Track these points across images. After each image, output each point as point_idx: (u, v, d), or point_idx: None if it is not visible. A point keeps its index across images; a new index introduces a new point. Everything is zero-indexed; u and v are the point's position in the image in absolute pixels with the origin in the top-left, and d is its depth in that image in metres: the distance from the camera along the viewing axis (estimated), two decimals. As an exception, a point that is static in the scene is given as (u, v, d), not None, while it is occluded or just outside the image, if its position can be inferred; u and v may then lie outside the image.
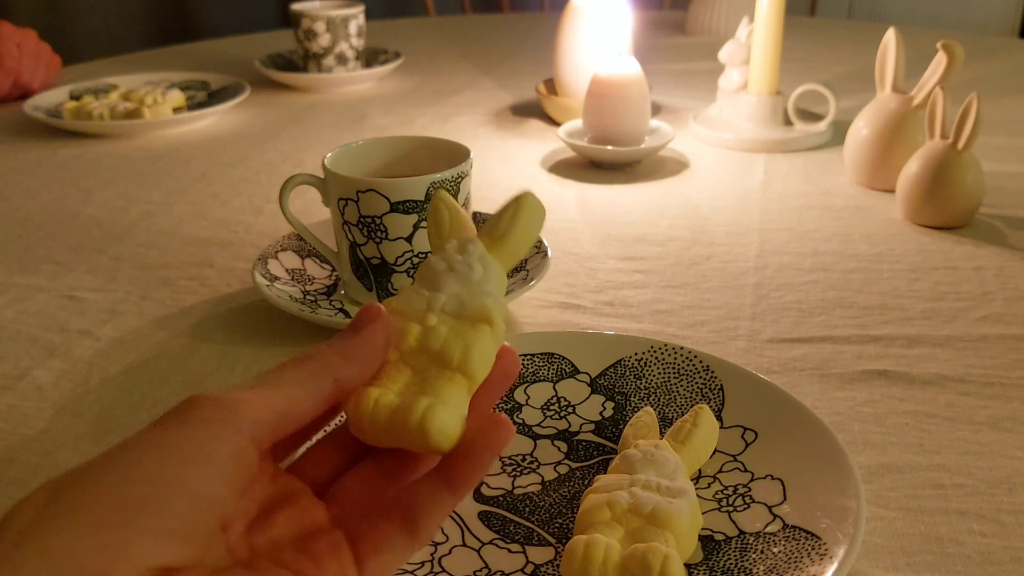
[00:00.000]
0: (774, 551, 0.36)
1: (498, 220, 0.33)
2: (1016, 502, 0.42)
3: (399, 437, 0.29)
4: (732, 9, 1.42)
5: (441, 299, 0.31)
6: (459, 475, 0.29)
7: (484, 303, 0.31)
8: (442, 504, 0.29)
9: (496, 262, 0.33)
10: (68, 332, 0.59)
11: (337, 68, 1.19)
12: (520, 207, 0.33)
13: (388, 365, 0.31)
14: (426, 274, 0.32)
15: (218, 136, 1.01)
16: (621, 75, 0.85)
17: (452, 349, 0.30)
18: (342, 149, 0.60)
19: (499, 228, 0.33)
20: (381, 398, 0.29)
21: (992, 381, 0.51)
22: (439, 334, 0.30)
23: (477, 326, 0.31)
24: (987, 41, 1.41)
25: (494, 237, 0.33)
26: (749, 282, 0.64)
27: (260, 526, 0.28)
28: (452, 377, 0.30)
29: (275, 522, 0.28)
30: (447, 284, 0.32)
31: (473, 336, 0.30)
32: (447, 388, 0.30)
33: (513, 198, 0.33)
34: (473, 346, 0.30)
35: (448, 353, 0.30)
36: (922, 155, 0.71)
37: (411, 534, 0.29)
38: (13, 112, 1.08)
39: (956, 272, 0.64)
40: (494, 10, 2.27)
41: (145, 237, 0.74)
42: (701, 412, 0.43)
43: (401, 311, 0.31)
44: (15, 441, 0.48)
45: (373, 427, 0.29)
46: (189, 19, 2.42)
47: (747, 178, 0.84)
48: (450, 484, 0.29)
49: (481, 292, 0.32)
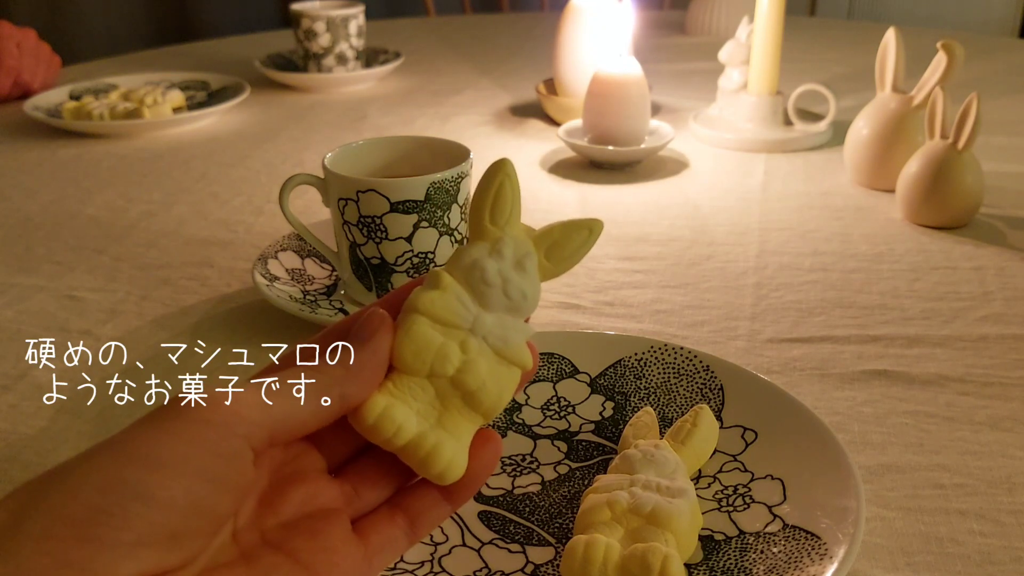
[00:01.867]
0: (774, 551, 0.36)
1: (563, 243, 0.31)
2: (1016, 502, 0.42)
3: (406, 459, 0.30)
4: (732, 9, 1.42)
5: (487, 323, 0.30)
6: (457, 489, 0.31)
7: (523, 347, 0.30)
8: (441, 513, 0.31)
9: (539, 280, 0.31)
10: (68, 332, 0.59)
11: (337, 68, 1.19)
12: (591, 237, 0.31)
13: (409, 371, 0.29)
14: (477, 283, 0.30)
15: (218, 136, 1.01)
16: (621, 75, 0.85)
17: (486, 395, 0.29)
18: (342, 149, 0.60)
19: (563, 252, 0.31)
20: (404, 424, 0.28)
21: (992, 381, 0.51)
22: (478, 372, 0.29)
23: (512, 370, 0.30)
24: (987, 41, 1.41)
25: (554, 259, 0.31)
26: (749, 282, 0.64)
27: (271, 506, 0.28)
28: (472, 417, 0.30)
29: (288, 500, 0.28)
30: (496, 305, 0.30)
31: (508, 383, 0.30)
32: (464, 426, 0.29)
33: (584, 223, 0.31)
34: (505, 393, 0.29)
35: (480, 398, 0.29)
36: (922, 155, 0.71)
37: (411, 536, 0.31)
38: (13, 112, 1.08)
39: (956, 272, 0.64)
40: (494, 10, 2.27)
41: (145, 237, 0.74)
42: (701, 412, 0.43)
43: (441, 319, 0.29)
44: (15, 441, 0.48)
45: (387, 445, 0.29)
46: (189, 19, 2.43)
47: (747, 178, 0.84)
48: (449, 496, 0.31)
49: (524, 328, 0.30)
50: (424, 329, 0.29)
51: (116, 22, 2.30)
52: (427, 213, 0.55)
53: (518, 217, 0.31)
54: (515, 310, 0.30)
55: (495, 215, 0.30)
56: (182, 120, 1.02)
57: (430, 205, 0.55)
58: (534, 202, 0.79)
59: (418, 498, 0.31)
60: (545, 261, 0.31)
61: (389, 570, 0.37)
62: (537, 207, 0.78)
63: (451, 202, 0.56)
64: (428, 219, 0.55)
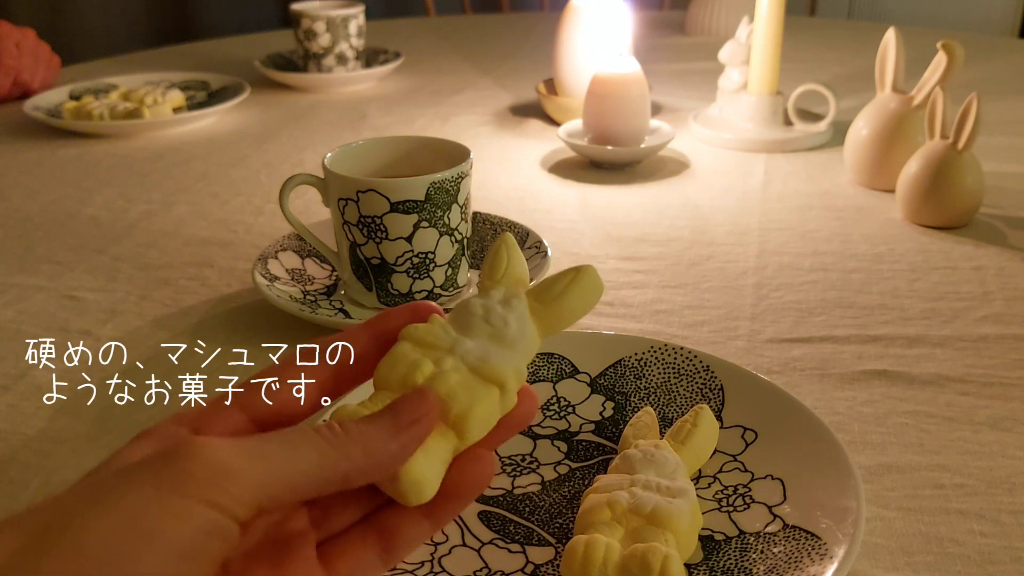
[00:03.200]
0: (774, 551, 0.36)
1: (551, 284, 0.31)
2: (1016, 502, 0.42)
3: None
4: (732, 9, 1.42)
5: (467, 345, 0.30)
6: (441, 507, 0.29)
7: (503, 367, 0.29)
8: (421, 533, 0.29)
9: (535, 326, 0.31)
10: (68, 332, 0.59)
11: (337, 68, 1.19)
12: (578, 278, 0.31)
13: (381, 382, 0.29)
14: (462, 315, 0.31)
15: (218, 136, 1.01)
16: (621, 75, 0.85)
17: (454, 402, 0.28)
18: (342, 149, 0.60)
19: (551, 293, 0.31)
20: None
21: (992, 381, 0.51)
22: (448, 381, 0.29)
23: (488, 387, 0.29)
24: (987, 41, 1.41)
25: (543, 301, 0.31)
26: (749, 282, 0.64)
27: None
28: (443, 431, 0.28)
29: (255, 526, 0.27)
30: (478, 332, 0.30)
31: (481, 396, 0.29)
32: (433, 440, 0.28)
33: (574, 267, 0.31)
34: (476, 406, 0.28)
35: (449, 405, 0.28)
36: (922, 155, 0.71)
37: (385, 558, 0.29)
38: (13, 112, 1.08)
39: (956, 272, 0.64)
40: (494, 10, 2.27)
41: (145, 237, 0.74)
42: (701, 412, 0.43)
43: (422, 341, 0.30)
44: (15, 441, 0.48)
45: None
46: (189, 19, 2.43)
47: (747, 178, 0.84)
48: (431, 514, 0.29)
49: (507, 353, 0.30)
50: (403, 347, 0.30)
51: (116, 22, 2.30)
52: (427, 213, 0.55)
53: (516, 277, 0.32)
54: (498, 338, 0.30)
55: (491, 273, 0.32)
56: (182, 120, 1.02)
57: (430, 205, 0.55)
58: (534, 202, 0.79)
59: (395, 517, 0.29)
60: (536, 303, 0.31)
61: (389, 570, 0.37)
62: (537, 207, 0.78)
63: (451, 202, 0.56)
64: (428, 219, 0.55)
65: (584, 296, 0.31)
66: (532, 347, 0.31)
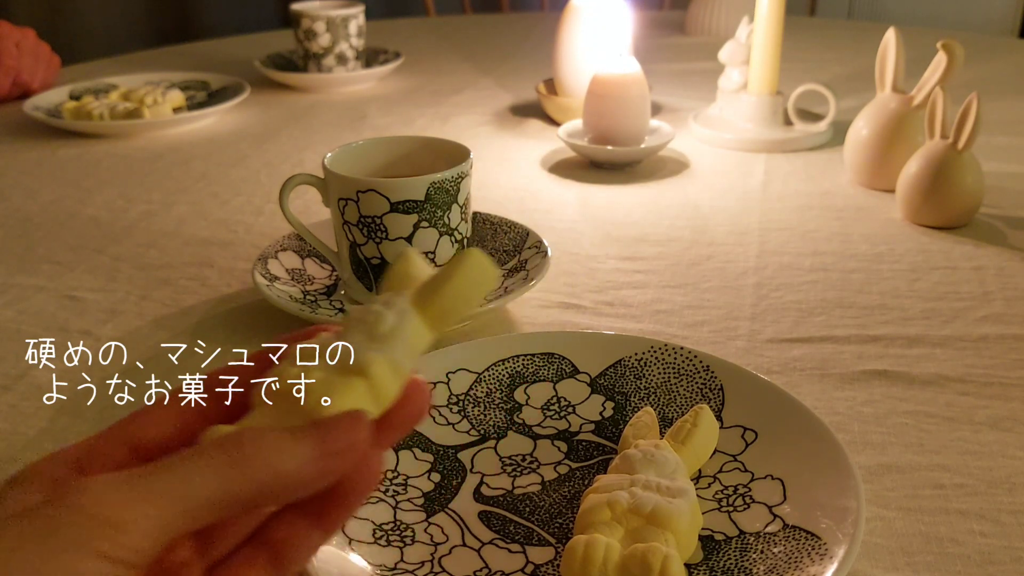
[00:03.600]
0: (774, 551, 0.36)
1: (435, 274, 0.30)
2: (1016, 502, 0.42)
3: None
4: (732, 9, 1.42)
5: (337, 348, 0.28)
6: (329, 514, 0.27)
7: (367, 356, 0.28)
8: (311, 543, 0.27)
9: (419, 318, 0.29)
10: (68, 332, 0.59)
11: (337, 68, 1.19)
12: (459, 264, 0.29)
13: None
14: (345, 323, 0.30)
15: (218, 136, 1.01)
16: (621, 75, 0.85)
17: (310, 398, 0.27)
18: (342, 149, 0.60)
19: (433, 282, 0.30)
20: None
21: (992, 381, 0.51)
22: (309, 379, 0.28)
23: (349, 379, 0.28)
24: (987, 41, 1.41)
25: (424, 293, 0.30)
26: (749, 282, 0.64)
27: None
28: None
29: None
30: (353, 334, 0.29)
31: (338, 389, 0.27)
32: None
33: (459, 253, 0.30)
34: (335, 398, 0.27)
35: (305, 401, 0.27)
36: (922, 155, 0.71)
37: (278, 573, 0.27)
38: (13, 112, 1.08)
39: (956, 272, 0.64)
40: (494, 10, 2.27)
41: (145, 237, 0.74)
42: (701, 412, 0.43)
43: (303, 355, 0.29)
44: (15, 441, 0.48)
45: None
46: (189, 19, 2.43)
47: (747, 178, 0.84)
48: (320, 522, 0.27)
49: (377, 346, 0.29)
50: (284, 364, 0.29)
51: (116, 22, 2.30)
52: (427, 213, 0.55)
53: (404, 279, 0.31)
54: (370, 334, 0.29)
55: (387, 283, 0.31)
56: (182, 120, 1.02)
57: (430, 205, 0.55)
58: (534, 202, 0.79)
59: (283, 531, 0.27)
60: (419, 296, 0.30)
61: (389, 570, 0.37)
62: (537, 207, 0.78)
63: (451, 202, 0.56)
64: (428, 219, 0.55)
65: (471, 281, 0.29)
66: (415, 340, 0.29)
